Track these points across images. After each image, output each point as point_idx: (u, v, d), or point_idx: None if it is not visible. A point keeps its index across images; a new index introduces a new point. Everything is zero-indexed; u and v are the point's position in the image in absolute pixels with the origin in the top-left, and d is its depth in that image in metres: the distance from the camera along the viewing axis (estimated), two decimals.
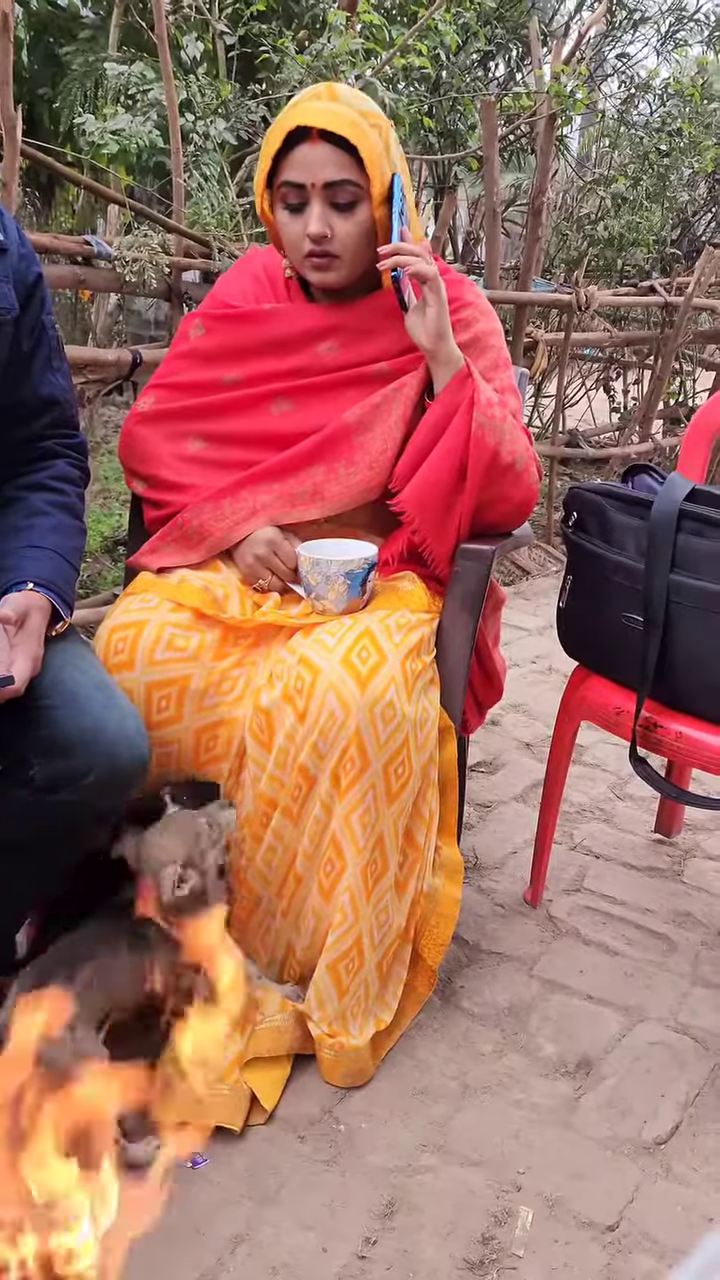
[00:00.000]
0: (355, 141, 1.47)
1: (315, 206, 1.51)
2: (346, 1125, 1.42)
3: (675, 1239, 1.29)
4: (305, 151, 1.49)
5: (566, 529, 1.77)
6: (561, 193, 5.29)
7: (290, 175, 1.51)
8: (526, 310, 3.78)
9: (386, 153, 1.51)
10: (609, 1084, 1.53)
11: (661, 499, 1.63)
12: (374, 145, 1.49)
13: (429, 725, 1.50)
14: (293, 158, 1.50)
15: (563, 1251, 1.26)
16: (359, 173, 1.50)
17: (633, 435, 4.80)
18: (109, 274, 2.51)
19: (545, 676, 3.00)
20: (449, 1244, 1.25)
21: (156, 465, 1.65)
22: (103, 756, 1.29)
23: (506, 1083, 1.52)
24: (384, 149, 1.51)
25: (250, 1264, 1.21)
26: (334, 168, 1.49)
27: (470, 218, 5.80)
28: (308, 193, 1.51)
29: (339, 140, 1.48)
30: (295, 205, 1.53)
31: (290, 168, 1.51)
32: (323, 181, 1.50)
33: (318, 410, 1.62)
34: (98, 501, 3.74)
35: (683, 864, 2.13)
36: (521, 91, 4.48)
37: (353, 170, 1.50)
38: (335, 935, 1.46)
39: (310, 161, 1.49)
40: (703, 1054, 1.60)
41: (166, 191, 3.04)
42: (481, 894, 1.95)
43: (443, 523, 1.57)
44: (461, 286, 1.67)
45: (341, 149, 1.48)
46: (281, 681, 1.46)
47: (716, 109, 5.06)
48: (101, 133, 3.05)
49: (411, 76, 3.99)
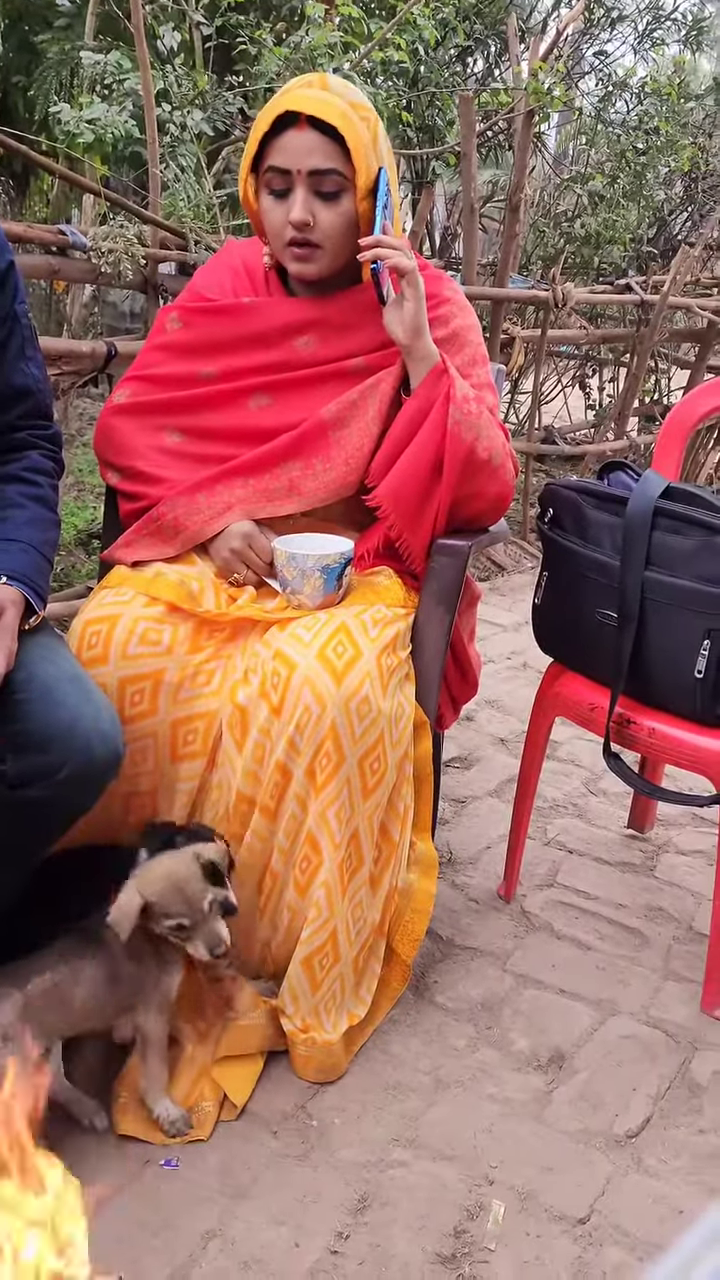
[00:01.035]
0: (343, 131, 1.47)
1: (299, 194, 1.51)
2: (319, 1120, 1.42)
3: (646, 1231, 1.30)
4: (293, 137, 1.48)
5: (542, 525, 1.78)
6: (539, 190, 5.31)
7: (276, 160, 1.50)
8: (503, 307, 3.79)
9: (374, 146, 1.51)
10: (581, 1078, 1.54)
11: (637, 496, 1.63)
12: (361, 137, 1.48)
13: (404, 720, 1.50)
14: (280, 143, 1.49)
15: (534, 1244, 1.27)
16: (345, 163, 1.49)
17: (608, 432, 4.82)
18: (84, 265, 2.48)
19: (520, 672, 3.01)
20: (421, 1238, 1.26)
21: (132, 457, 1.64)
22: (77, 751, 1.28)
23: (479, 1077, 1.52)
24: (371, 142, 1.50)
25: (222, 1259, 1.21)
26: (321, 156, 1.48)
27: (448, 213, 5.80)
28: (293, 179, 1.50)
29: (327, 129, 1.47)
30: (280, 191, 1.52)
31: (277, 153, 1.50)
32: (309, 169, 1.49)
33: (295, 405, 1.61)
34: (72, 494, 3.71)
35: (655, 859, 2.14)
36: (500, 88, 4.48)
37: (339, 160, 1.49)
38: (310, 930, 1.45)
39: (297, 148, 1.48)
40: (674, 1048, 1.61)
41: (143, 182, 3.02)
42: (456, 889, 1.95)
43: (418, 518, 1.57)
44: (440, 283, 1.66)
45: (330, 138, 1.48)
46: (257, 676, 1.45)
47: (693, 108, 5.09)
48: (77, 122, 3.01)
49: (390, 71, 3.98)
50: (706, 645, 1.56)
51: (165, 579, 1.54)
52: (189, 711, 1.49)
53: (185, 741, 1.50)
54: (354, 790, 1.43)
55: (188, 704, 1.49)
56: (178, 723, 1.49)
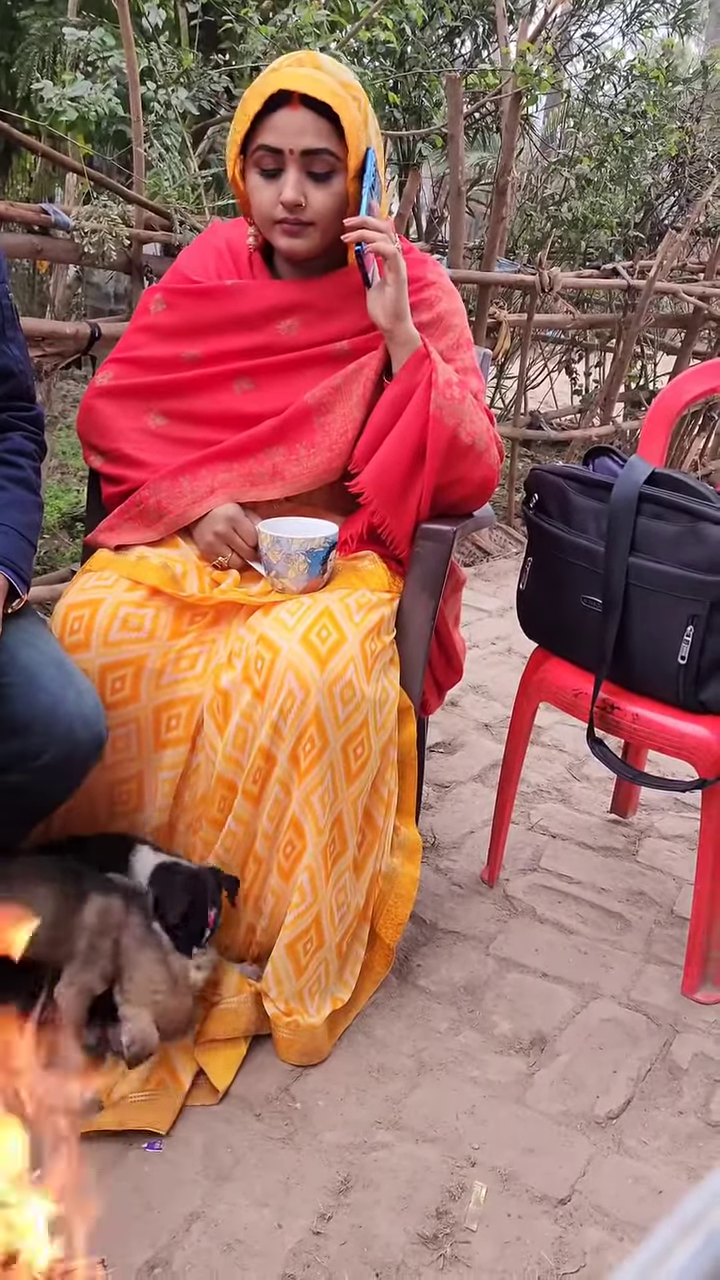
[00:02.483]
0: (338, 110, 1.45)
1: (291, 174, 1.49)
2: (303, 1103, 1.42)
3: (626, 1211, 1.31)
4: (285, 116, 1.47)
5: (528, 511, 1.78)
6: (526, 173, 5.28)
7: (268, 139, 1.48)
8: (490, 291, 3.77)
9: (365, 126, 1.49)
10: (562, 1060, 1.55)
11: (622, 482, 1.63)
12: (354, 117, 1.47)
13: (388, 705, 1.50)
14: (272, 121, 1.48)
15: (515, 1225, 1.28)
16: (338, 143, 1.48)
17: (594, 418, 4.82)
18: (67, 244, 2.45)
19: (505, 658, 3.02)
20: (403, 1219, 1.27)
21: (115, 439, 1.63)
22: (59, 736, 1.27)
23: (461, 1060, 1.53)
24: (363, 121, 1.49)
25: (204, 1241, 1.21)
26: (313, 135, 1.47)
27: (435, 196, 5.76)
28: (284, 159, 1.49)
29: (321, 108, 1.45)
30: (270, 170, 1.51)
31: (268, 131, 1.48)
32: (301, 148, 1.47)
33: (279, 389, 1.60)
34: (55, 477, 3.69)
35: (638, 844, 2.15)
36: (487, 69, 4.45)
37: (332, 140, 1.47)
38: (294, 915, 1.45)
39: (290, 127, 1.47)
40: (654, 1030, 1.62)
41: (127, 161, 2.99)
42: (439, 873, 1.96)
43: (401, 504, 1.57)
44: (424, 266, 1.65)
45: (323, 117, 1.46)
46: (241, 661, 1.45)
47: (681, 92, 5.07)
48: (60, 99, 2.98)
49: (376, 51, 3.94)
50: (690, 631, 1.56)
51: (148, 563, 1.53)
52: (171, 697, 1.49)
53: (168, 727, 1.49)
54: (338, 775, 1.43)
55: (170, 689, 1.49)
56: (160, 708, 1.48)
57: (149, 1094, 1.37)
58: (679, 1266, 0.23)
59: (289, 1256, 1.20)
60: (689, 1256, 0.23)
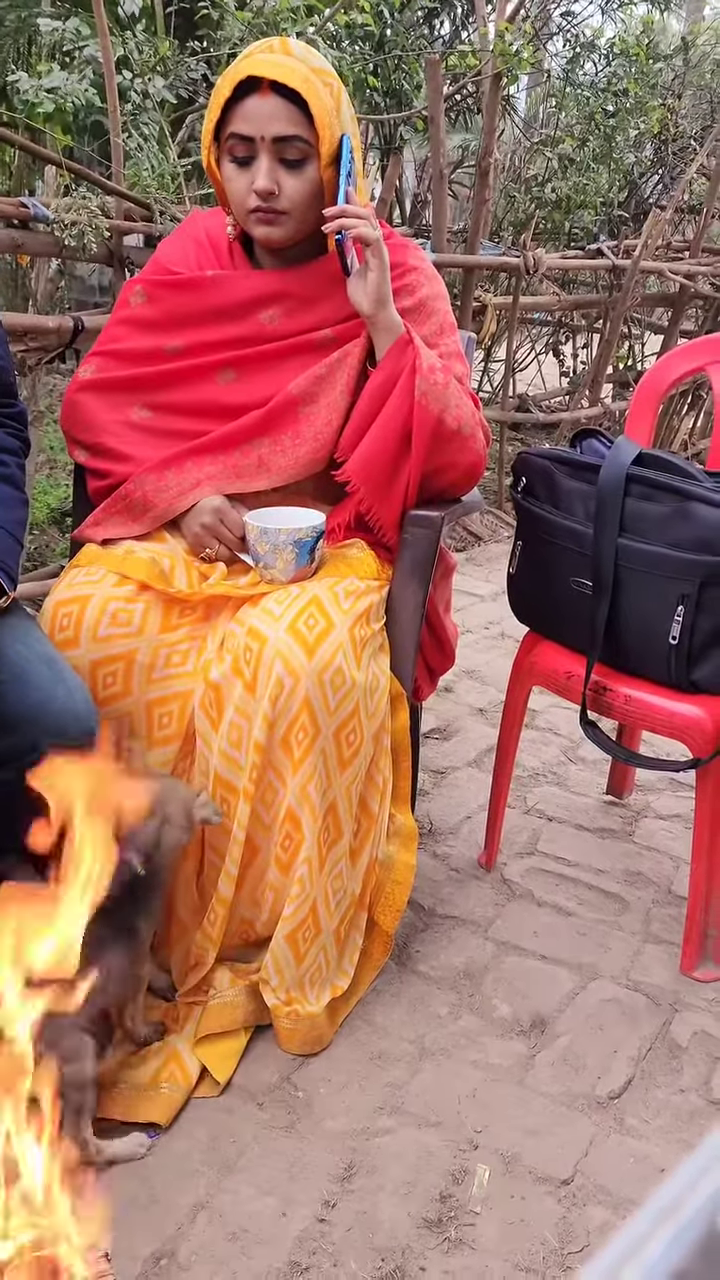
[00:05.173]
0: (307, 96, 1.44)
1: (263, 161, 1.48)
2: (305, 1091, 1.43)
3: (628, 1190, 1.32)
4: (256, 103, 1.46)
5: (516, 495, 1.77)
6: (509, 154, 5.25)
7: (239, 127, 1.47)
8: (475, 274, 3.76)
9: (337, 112, 1.48)
10: (563, 1042, 1.55)
11: (609, 464, 1.63)
12: (325, 103, 1.46)
13: (379, 692, 1.50)
14: (242, 109, 1.47)
15: (519, 1206, 1.29)
16: (309, 129, 1.47)
17: (582, 400, 4.81)
18: (47, 238, 2.44)
19: (498, 642, 3.02)
20: (407, 1203, 1.27)
21: (100, 433, 1.62)
22: (50, 732, 1.27)
23: (462, 1044, 1.53)
24: (335, 108, 1.48)
25: (210, 1231, 1.22)
26: (284, 122, 1.46)
27: (418, 180, 5.73)
28: (256, 146, 1.48)
29: (291, 94, 1.44)
30: (243, 159, 1.50)
31: (239, 119, 1.47)
32: (272, 135, 1.46)
33: (263, 380, 1.60)
34: (44, 472, 3.67)
35: (634, 824, 2.16)
36: (467, 50, 4.42)
37: (303, 126, 1.46)
38: (292, 906, 1.45)
39: (260, 114, 1.46)
40: (654, 1009, 1.63)
41: (106, 152, 2.97)
42: (436, 859, 1.96)
43: (388, 491, 1.56)
44: (405, 251, 1.65)
45: (293, 103, 1.45)
46: (231, 654, 1.44)
47: (661, 69, 5.05)
48: (36, 91, 2.95)
49: (355, 34, 3.92)
50: (680, 611, 1.56)
51: (136, 557, 1.53)
52: (163, 692, 1.48)
53: (160, 724, 1.49)
54: (330, 762, 1.43)
55: (162, 684, 1.48)
56: (152, 704, 1.48)
57: (159, 1088, 1.38)
58: (656, 1254, 0.23)
59: (294, 1244, 1.21)
60: (665, 1243, 0.23)
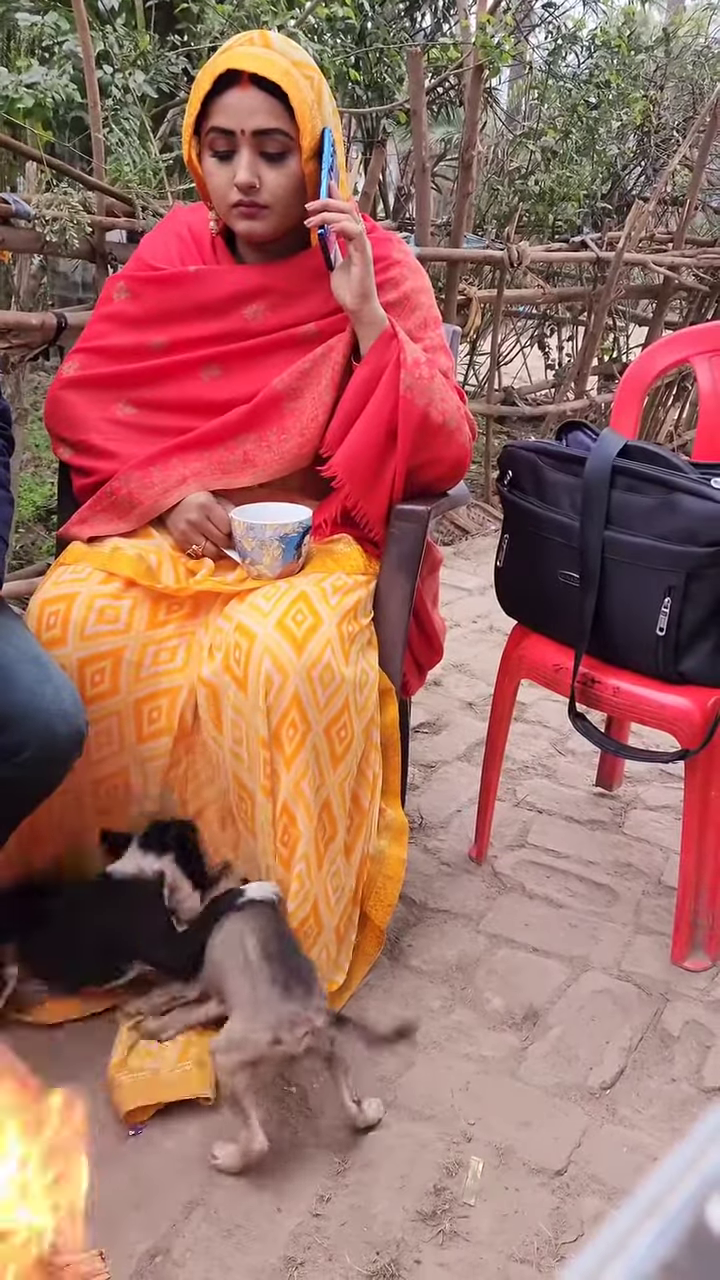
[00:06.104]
0: (287, 89, 1.44)
1: (244, 155, 1.48)
2: (298, 1086, 1.43)
3: (621, 1180, 1.33)
4: (236, 97, 1.45)
5: (503, 488, 1.77)
6: (491, 147, 5.25)
7: (219, 121, 1.47)
8: (459, 267, 3.75)
9: (319, 105, 1.48)
10: (555, 1033, 1.56)
11: (595, 456, 1.63)
12: (305, 96, 1.45)
13: (368, 687, 1.50)
14: (222, 102, 1.46)
15: (513, 1198, 1.29)
16: (289, 123, 1.46)
17: (568, 392, 4.81)
18: (29, 234, 2.42)
19: (486, 635, 3.02)
20: (401, 1197, 1.27)
21: (84, 430, 1.61)
22: (38, 731, 1.27)
23: (455, 1037, 1.54)
24: (316, 101, 1.47)
25: (204, 1228, 1.22)
26: (264, 115, 1.45)
27: (401, 173, 5.72)
28: (237, 140, 1.47)
29: (271, 87, 1.44)
30: (223, 153, 1.49)
31: (219, 113, 1.47)
32: (252, 129, 1.46)
33: (247, 376, 1.59)
34: (29, 470, 3.66)
35: (623, 816, 2.16)
36: (449, 42, 4.41)
37: (283, 120, 1.46)
38: (294, 905, 1.45)
39: (240, 107, 1.45)
40: (645, 1000, 1.64)
41: (87, 147, 2.95)
42: (427, 853, 1.97)
43: (374, 486, 1.56)
44: (389, 244, 1.64)
45: (274, 97, 1.45)
46: (221, 652, 1.44)
47: (643, 60, 5.05)
48: (16, 86, 2.93)
49: (336, 27, 3.90)
50: (667, 603, 1.57)
51: (123, 554, 1.52)
52: (152, 689, 1.48)
53: (150, 720, 1.49)
54: (323, 759, 1.43)
55: (150, 681, 1.48)
56: (141, 701, 1.48)
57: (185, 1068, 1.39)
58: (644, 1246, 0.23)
59: (289, 1239, 1.21)
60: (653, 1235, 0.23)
